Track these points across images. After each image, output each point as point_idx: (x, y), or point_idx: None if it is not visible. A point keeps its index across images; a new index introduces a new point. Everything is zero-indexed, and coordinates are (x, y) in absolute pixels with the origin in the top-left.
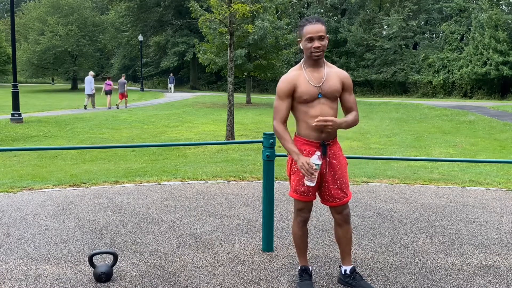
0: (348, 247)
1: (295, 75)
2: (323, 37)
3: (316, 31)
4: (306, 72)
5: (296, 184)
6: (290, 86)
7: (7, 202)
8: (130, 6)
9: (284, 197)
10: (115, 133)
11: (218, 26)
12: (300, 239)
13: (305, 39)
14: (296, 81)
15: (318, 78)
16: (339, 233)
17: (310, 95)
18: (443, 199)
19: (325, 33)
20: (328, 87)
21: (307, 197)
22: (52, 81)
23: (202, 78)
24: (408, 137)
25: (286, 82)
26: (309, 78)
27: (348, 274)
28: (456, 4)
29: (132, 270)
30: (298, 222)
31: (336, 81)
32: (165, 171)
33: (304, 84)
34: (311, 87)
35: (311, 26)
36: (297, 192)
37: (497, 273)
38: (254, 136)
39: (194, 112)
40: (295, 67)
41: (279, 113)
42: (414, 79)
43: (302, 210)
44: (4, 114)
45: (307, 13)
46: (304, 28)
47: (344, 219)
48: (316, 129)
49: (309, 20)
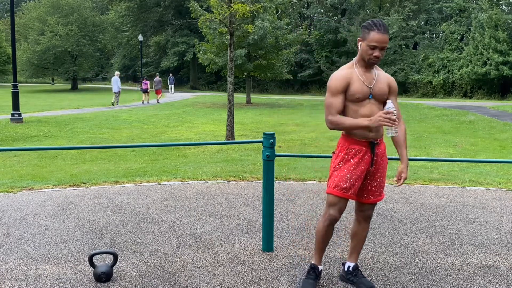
0: (359, 245)
1: (348, 73)
2: (385, 48)
3: (382, 42)
4: (358, 70)
5: (339, 179)
6: (344, 82)
7: (7, 202)
8: (130, 6)
9: (284, 197)
10: (115, 133)
11: (218, 26)
12: (322, 238)
13: (368, 45)
14: (350, 78)
15: (370, 78)
16: (356, 229)
17: (362, 94)
18: (443, 199)
19: (387, 44)
20: (378, 88)
21: (347, 194)
22: (52, 81)
23: (202, 78)
24: (408, 137)
25: (340, 78)
26: (362, 78)
27: (350, 271)
28: (456, 4)
29: (132, 270)
30: (325, 219)
31: (385, 84)
32: (165, 171)
33: (358, 82)
34: (364, 86)
35: (379, 35)
36: (339, 187)
37: (497, 273)
38: (254, 136)
39: (194, 112)
40: (347, 65)
41: (333, 108)
42: (414, 79)
43: (335, 206)
44: (4, 114)
45: (307, 13)
46: (371, 33)
47: (366, 217)
48: (365, 128)
49: (378, 27)
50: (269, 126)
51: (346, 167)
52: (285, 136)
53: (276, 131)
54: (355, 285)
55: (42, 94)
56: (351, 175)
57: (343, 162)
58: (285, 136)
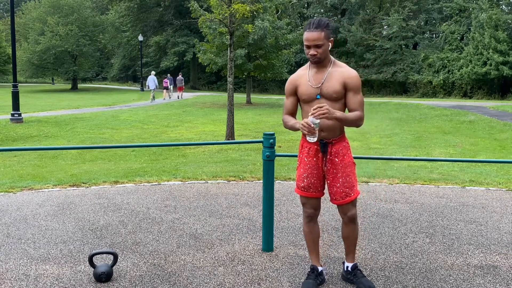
0: (352, 246)
1: (298, 76)
2: (320, 45)
3: (312, 40)
4: (309, 72)
5: (297, 179)
6: (291, 86)
7: (7, 202)
8: (130, 6)
9: (284, 197)
10: (115, 133)
11: (218, 26)
12: (307, 236)
13: (304, 45)
14: (298, 81)
15: (319, 78)
16: (344, 232)
17: (308, 96)
18: (443, 199)
19: (322, 41)
20: (326, 88)
21: (307, 192)
22: (52, 81)
23: (202, 78)
24: (408, 137)
25: (289, 82)
26: (310, 79)
27: (349, 270)
28: (456, 4)
29: (132, 270)
30: (304, 218)
31: (336, 81)
32: (165, 171)
33: (304, 85)
34: (310, 88)
35: (308, 33)
36: (299, 187)
37: (497, 273)
38: (254, 136)
39: (194, 112)
40: (303, 66)
41: (285, 109)
42: (414, 79)
43: (305, 205)
44: (4, 114)
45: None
46: (304, 33)
47: (348, 219)
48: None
49: (309, 26)
50: (269, 126)
51: (302, 166)
52: (285, 136)
53: (276, 131)
54: (355, 284)
55: (42, 94)
56: (307, 174)
57: (299, 161)
58: (285, 136)
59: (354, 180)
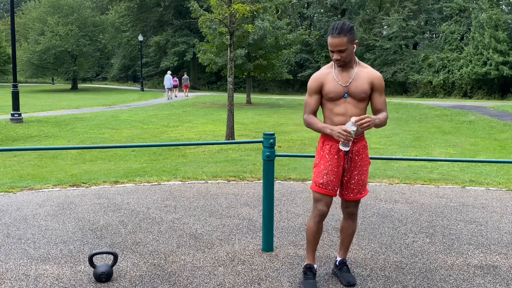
0: (346, 241)
1: (323, 73)
2: (343, 50)
3: (335, 45)
4: (335, 70)
5: (316, 176)
6: (317, 83)
7: (7, 202)
8: (130, 6)
9: (284, 197)
10: (115, 133)
11: (218, 26)
12: (313, 235)
13: (329, 49)
14: (324, 79)
15: (346, 78)
16: (343, 225)
17: (336, 94)
18: (443, 199)
19: (346, 45)
20: (354, 87)
21: (325, 190)
22: (52, 81)
23: (202, 78)
24: (408, 137)
25: (314, 79)
26: (337, 77)
27: (337, 264)
28: (456, 4)
29: (132, 270)
30: (314, 216)
31: (364, 81)
32: (165, 171)
33: (332, 83)
34: (338, 86)
35: (331, 39)
36: (317, 184)
37: (497, 273)
38: (254, 136)
39: (194, 112)
40: (327, 65)
41: (308, 107)
42: (414, 79)
43: (319, 202)
44: (4, 114)
45: (307, 13)
46: (328, 38)
47: (350, 214)
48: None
49: (332, 31)
50: (269, 126)
51: (322, 163)
52: (285, 136)
53: (276, 131)
54: (338, 278)
55: (42, 94)
56: (327, 170)
57: (319, 158)
58: (285, 136)
59: (366, 179)
